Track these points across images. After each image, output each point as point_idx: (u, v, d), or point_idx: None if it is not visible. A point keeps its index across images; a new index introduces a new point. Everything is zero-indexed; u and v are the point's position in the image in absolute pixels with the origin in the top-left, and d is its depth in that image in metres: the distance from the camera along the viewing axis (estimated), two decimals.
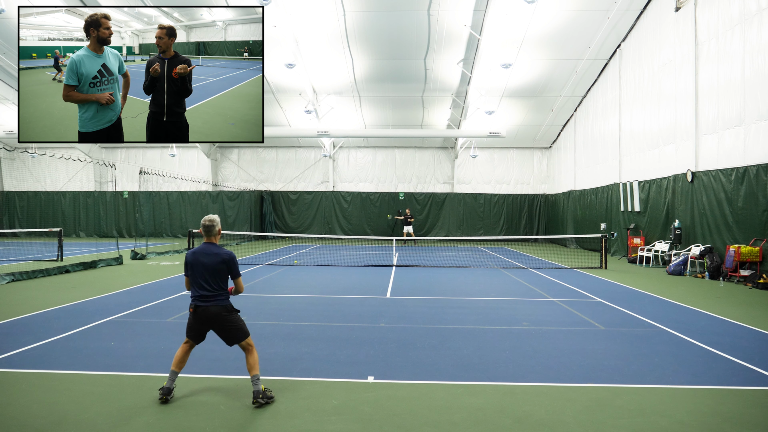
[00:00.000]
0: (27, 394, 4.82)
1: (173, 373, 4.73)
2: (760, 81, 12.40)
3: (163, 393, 4.64)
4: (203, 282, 4.66)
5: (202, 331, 4.76)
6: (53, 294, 10.29)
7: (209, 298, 4.66)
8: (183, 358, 4.77)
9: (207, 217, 4.82)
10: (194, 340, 4.80)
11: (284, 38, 19.46)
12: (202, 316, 4.67)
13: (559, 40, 19.88)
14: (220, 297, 4.70)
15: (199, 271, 4.66)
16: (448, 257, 19.66)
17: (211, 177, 30.75)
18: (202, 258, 4.67)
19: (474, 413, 4.44)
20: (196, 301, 4.69)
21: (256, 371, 4.63)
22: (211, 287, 4.67)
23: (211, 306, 4.65)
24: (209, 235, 4.80)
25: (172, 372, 4.72)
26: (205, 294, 4.66)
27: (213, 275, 4.66)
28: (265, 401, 4.56)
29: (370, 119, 27.56)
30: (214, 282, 4.67)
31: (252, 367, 4.64)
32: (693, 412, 4.48)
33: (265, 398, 4.57)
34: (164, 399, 4.63)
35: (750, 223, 12.67)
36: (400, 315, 8.55)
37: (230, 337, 4.71)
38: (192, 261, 4.69)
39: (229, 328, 4.69)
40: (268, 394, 4.63)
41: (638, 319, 8.33)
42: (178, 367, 4.75)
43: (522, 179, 30.61)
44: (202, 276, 4.66)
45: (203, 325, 4.71)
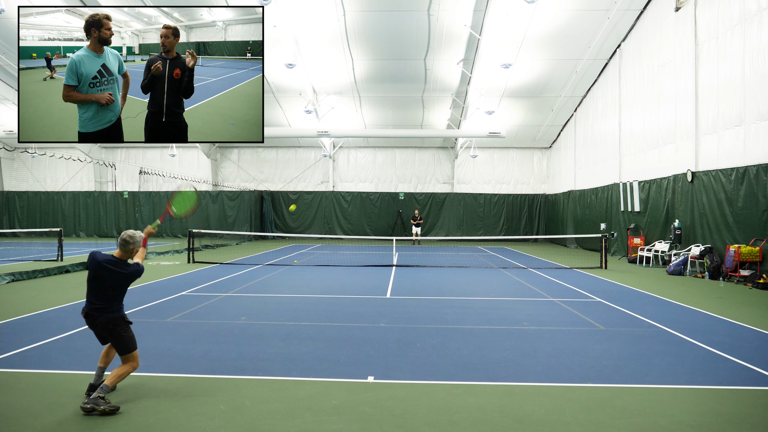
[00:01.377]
0: (27, 394, 4.82)
1: (100, 369, 4.77)
2: (760, 81, 12.40)
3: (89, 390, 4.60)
4: (98, 293, 4.64)
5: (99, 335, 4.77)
6: (53, 294, 10.29)
7: (100, 309, 4.64)
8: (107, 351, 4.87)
9: (128, 233, 4.76)
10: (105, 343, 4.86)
11: (284, 38, 19.47)
12: (93, 321, 4.68)
13: (559, 40, 19.89)
14: (111, 309, 4.68)
15: (98, 283, 4.63)
16: (448, 257, 19.66)
17: (211, 177, 30.76)
18: (104, 271, 4.63)
19: (474, 413, 4.44)
20: (87, 307, 4.69)
21: (111, 383, 4.52)
22: (103, 300, 4.65)
23: (98, 317, 4.64)
24: (123, 250, 4.75)
25: (99, 368, 4.77)
26: (96, 305, 4.64)
27: (110, 288, 4.65)
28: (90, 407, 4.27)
29: (370, 119, 27.57)
30: (108, 295, 4.66)
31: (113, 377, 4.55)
32: (693, 412, 4.48)
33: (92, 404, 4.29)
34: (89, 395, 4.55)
35: (750, 223, 12.67)
36: (400, 315, 8.55)
37: (118, 348, 4.68)
38: (95, 268, 4.63)
39: (116, 340, 4.67)
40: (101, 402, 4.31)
41: (638, 319, 8.33)
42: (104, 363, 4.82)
43: (522, 179, 30.62)
44: (99, 287, 4.63)
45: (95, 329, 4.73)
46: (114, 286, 4.67)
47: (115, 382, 4.60)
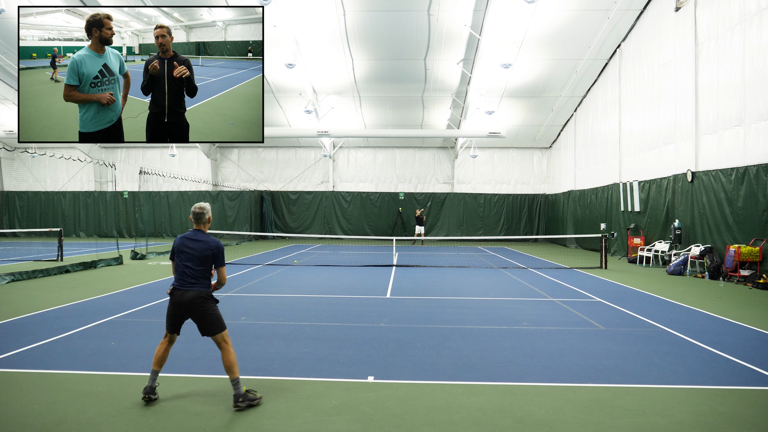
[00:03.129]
0: (27, 394, 4.82)
1: (154, 372, 4.68)
2: (760, 81, 12.40)
3: (146, 392, 4.59)
4: (185, 268, 4.62)
5: (177, 317, 4.68)
6: (53, 294, 10.29)
7: (188, 284, 4.61)
8: (163, 355, 4.72)
9: (197, 205, 4.80)
10: (171, 330, 4.74)
11: (284, 38, 19.46)
12: (178, 300, 4.61)
13: (559, 40, 19.89)
14: (199, 284, 4.64)
15: (184, 257, 4.64)
16: (448, 257, 19.66)
17: (211, 177, 30.75)
18: (189, 243, 4.65)
19: (474, 413, 4.44)
20: (174, 284, 4.67)
21: (235, 374, 4.50)
22: (192, 274, 4.62)
23: (188, 291, 4.60)
24: (198, 222, 4.76)
25: (153, 371, 4.68)
26: (185, 279, 4.62)
27: (197, 262, 4.62)
28: (247, 404, 4.43)
29: (370, 119, 27.57)
30: (196, 269, 4.63)
31: (229, 369, 4.52)
32: (693, 412, 4.48)
33: (246, 401, 4.44)
34: (147, 398, 4.57)
35: (750, 223, 12.67)
36: (400, 315, 8.55)
37: (205, 327, 4.62)
38: (178, 246, 4.68)
39: (204, 316, 4.60)
40: (250, 396, 4.49)
41: (638, 319, 8.33)
42: (158, 365, 4.71)
43: (522, 179, 30.61)
44: (186, 262, 4.62)
45: (178, 310, 4.63)
46: (201, 258, 4.61)
47: (236, 370, 4.54)
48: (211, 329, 4.62)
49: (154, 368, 4.69)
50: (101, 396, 4.77)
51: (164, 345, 4.76)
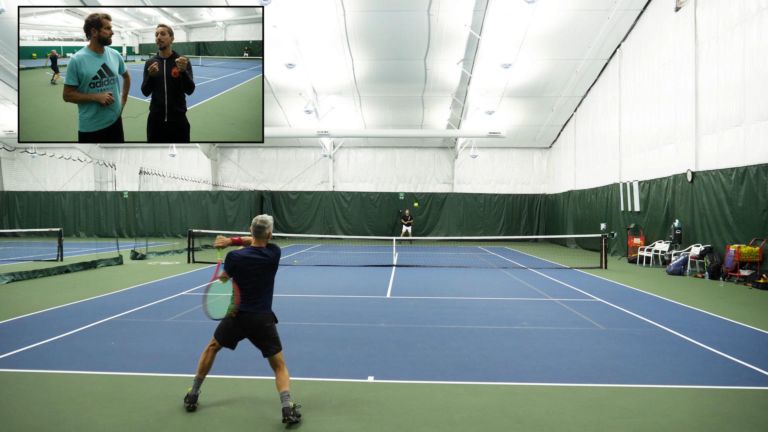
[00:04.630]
0: (27, 394, 4.82)
1: (198, 380, 4.51)
2: (760, 81, 12.40)
3: (189, 401, 4.44)
4: (253, 288, 4.39)
5: (237, 337, 4.50)
6: (53, 294, 10.29)
7: (257, 305, 4.41)
8: (209, 364, 4.54)
9: (259, 217, 4.50)
10: (224, 345, 4.54)
11: (284, 38, 19.46)
12: (245, 322, 4.39)
13: (559, 40, 19.88)
14: (267, 304, 4.48)
15: (249, 277, 4.38)
16: (448, 257, 19.66)
17: (211, 177, 30.74)
18: (255, 263, 4.39)
19: (474, 413, 4.44)
20: (240, 307, 4.38)
21: (287, 388, 4.32)
22: (260, 294, 4.43)
23: (257, 314, 4.41)
24: (259, 237, 4.49)
25: (197, 379, 4.51)
26: (254, 300, 4.40)
27: (264, 281, 4.44)
28: (296, 419, 4.21)
29: (370, 119, 27.56)
30: (264, 287, 4.46)
31: (282, 384, 4.34)
32: (693, 412, 4.48)
33: (296, 416, 4.22)
34: (191, 407, 4.43)
35: (750, 223, 12.67)
36: (400, 315, 8.55)
37: (266, 348, 4.45)
38: (242, 266, 4.37)
39: (268, 339, 4.44)
40: (298, 412, 4.29)
41: (638, 319, 8.33)
42: (203, 373, 4.53)
43: (522, 179, 30.61)
44: (254, 281, 4.39)
45: (241, 332, 4.45)
46: (265, 277, 4.44)
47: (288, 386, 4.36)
48: (272, 349, 4.45)
49: (199, 376, 4.53)
50: (101, 396, 4.77)
51: (211, 352, 4.56)
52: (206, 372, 4.56)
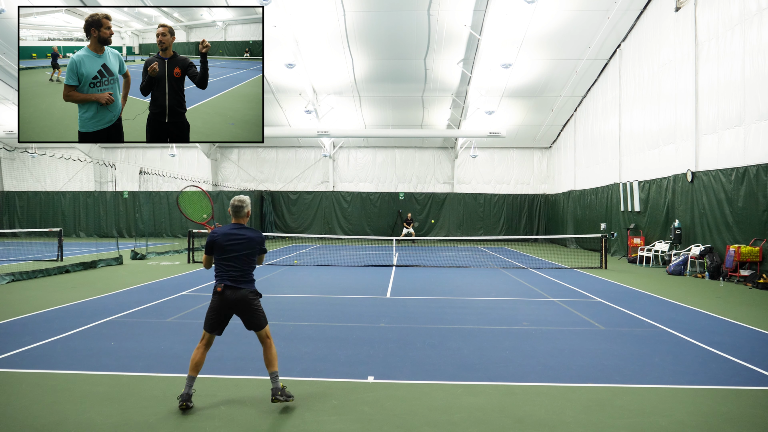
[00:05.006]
0: (27, 394, 4.82)
1: (190, 378, 4.51)
2: (760, 81, 12.40)
3: (183, 399, 4.43)
4: (235, 263, 4.58)
5: (224, 315, 4.61)
6: (53, 294, 10.29)
7: (240, 280, 4.59)
8: (200, 360, 4.56)
9: (237, 198, 4.76)
10: (213, 330, 4.61)
11: (284, 38, 19.46)
12: (230, 297, 4.55)
13: (559, 40, 19.89)
14: (249, 279, 4.66)
15: (229, 253, 4.57)
16: (448, 257, 19.66)
17: (211, 177, 30.75)
18: (234, 238, 4.59)
19: (474, 413, 4.44)
20: (225, 281, 4.56)
21: (275, 367, 4.56)
22: (242, 270, 4.61)
23: (240, 288, 4.57)
24: (238, 216, 4.72)
25: (189, 378, 4.51)
26: (234, 275, 4.58)
27: (244, 257, 4.60)
28: (285, 398, 4.49)
29: (370, 119, 27.56)
30: (246, 264, 4.63)
31: (271, 363, 4.56)
32: (693, 412, 4.48)
33: (284, 396, 4.49)
34: (184, 406, 4.41)
35: (750, 223, 12.67)
36: (400, 315, 8.55)
37: (253, 321, 4.63)
38: (223, 242, 4.57)
39: (254, 311, 4.62)
40: (287, 392, 4.54)
41: (638, 319, 8.33)
42: (195, 371, 4.54)
43: (522, 179, 30.61)
44: (233, 258, 4.58)
45: (228, 308, 4.58)
46: (247, 253, 4.61)
47: (276, 366, 4.59)
48: (259, 323, 4.64)
49: (191, 374, 4.53)
50: (101, 396, 4.77)
51: (201, 349, 4.60)
52: (198, 370, 4.57)
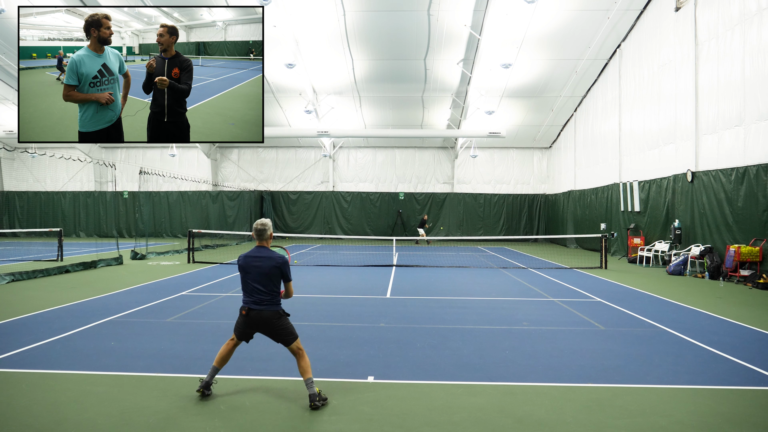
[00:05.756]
0: (27, 394, 4.82)
1: (214, 369, 4.82)
2: (760, 81, 12.40)
3: (202, 386, 4.74)
4: (257, 285, 4.70)
5: (250, 333, 4.84)
6: (53, 294, 10.29)
7: (263, 302, 4.70)
8: (227, 355, 4.88)
9: (259, 221, 4.90)
10: (240, 339, 4.89)
11: (284, 38, 19.46)
12: (255, 319, 4.71)
13: (559, 40, 19.88)
14: (273, 301, 4.74)
15: (253, 275, 4.71)
16: (448, 257, 19.66)
17: (211, 177, 30.75)
18: (255, 262, 4.72)
19: (474, 413, 4.44)
20: (249, 304, 4.73)
21: (309, 374, 4.65)
22: (264, 292, 4.71)
23: (264, 310, 4.70)
24: (261, 239, 4.85)
25: (213, 368, 4.82)
26: (259, 297, 4.70)
27: (267, 279, 4.70)
28: (322, 404, 4.57)
29: (370, 119, 27.57)
30: (267, 286, 4.71)
31: (305, 371, 4.66)
32: (693, 412, 4.48)
33: (321, 400, 4.59)
34: (201, 393, 4.73)
35: (750, 223, 12.67)
36: (400, 315, 8.55)
37: (281, 339, 4.77)
38: (245, 265, 4.75)
39: (279, 331, 4.74)
40: (323, 396, 4.64)
41: (638, 319, 8.33)
42: (220, 363, 4.84)
43: (522, 179, 30.61)
44: (257, 280, 4.70)
45: (253, 328, 4.78)
46: (270, 276, 4.70)
47: (310, 371, 4.69)
48: (286, 341, 4.76)
49: (215, 365, 4.83)
50: (101, 396, 4.77)
51: (230, 345, 4.89)
52: (223, 363, 4.85)
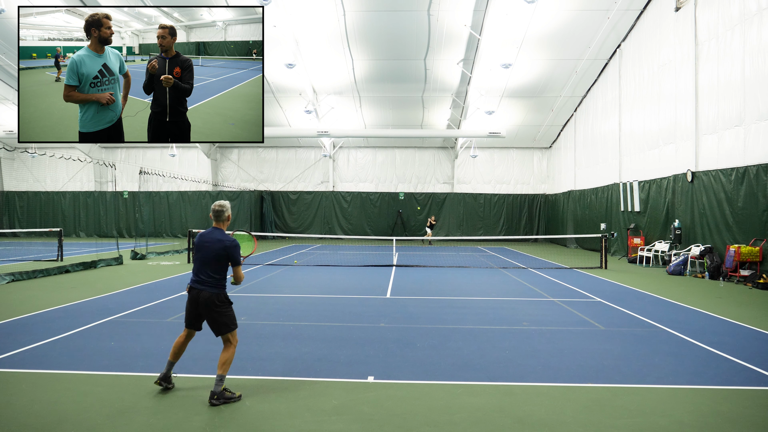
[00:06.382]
0: (27, 394, 4.82)
1: (170, 363, 4.83)
2: (760, 81, 12.40)
3: (159, 379, 4.77)
4: (205, 265, 4.73)
5: (195, 315, 4.80)
6: (53, 294, 10.29)
7: (205, 283, 4.72)
8: (180, 348, 4.86)
9: (218, 202, 4.88)
10: (191, 327, 4.86)
11: (284, 38, 19.46)
12: (195, 298, 4.74)
13: (559, 40, 19.89)
14: (216, 284, 4.74)
15: (202, 254, 4.74)
16: (448, 257, 19.66)
17: (211, 177, 30.75)
18: (207, 242, 4.75)
19: (474, 413, 4.44)
20: (192, 283, 4.78)
21: (224, 371, 4.60)
22: (208, 273, 4.71)
23: (205, 290, 4.71)
24: (218, 221, 4.84)
25: (168, 363, 4.83)
26: (202, 278, 4.73)
27: (215, 260, 4.71)
28: (222, 402, 4.53)
29: (370, 119, 27.57)
30: (212, 268, 4.72)
31: (223, 364, 4.62)
32: (693, 412, 4.48)
33: (222, 399, 4.55)
34: (159, 383, 4.75)
35: (750, 223, 12.67)
36: (400, 315, 8.55)
37: (217, 327, 4.75)
38: (199, 243, 4.79)
39: (217, 317, 4.73)
40: (227, 395, 4.59)
41: (638, 319, 8.33)
42: (174, 357, 4.84)
43: (522, 179, 30.62)
44: (204, 260, 4.73)
45: (195, 308, 4.77)
46: (218, 257, 4.70)
47: (226, 368, 4.64)
48: (222, 329, 4.76)
49: (171, 359, 4.84)
50: (101, 396, 4.77)
51: (182, 338, 4.90)
52: (178, 356, 4.86)
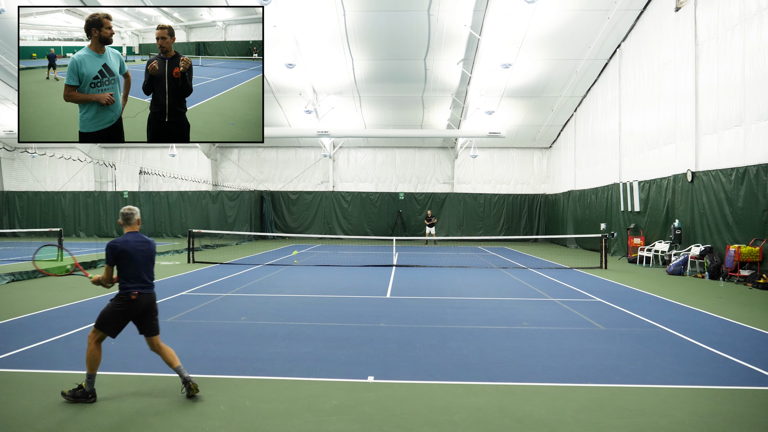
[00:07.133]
0: (27, 394, 4.82)
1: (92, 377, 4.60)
2: (760, 81, 12.40)
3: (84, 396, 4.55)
4: (143, 270, 4.78)
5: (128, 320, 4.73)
6: (53, 294, 10.30)
7: (149, 286, 4.82)
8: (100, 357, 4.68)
9: (127, 207, 4.96)
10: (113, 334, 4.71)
11: (284, 38, 19.46)
12: (143, 302, 4.73)
13: (559, 40, 19.89)
14: (153, 284, 4.89)
15: (138, 259, 4.75)
16: (448, 257, 19.66)
17: (211, 177, 30.75)
18: (140, 246, 4.79)
19: (474, 413, 4.44)
20: (137, 288, 4.72)
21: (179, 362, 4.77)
22: (149, 275, 4.85)
23: (151, 293, 4.81)
24: (130, 224, 4.89)
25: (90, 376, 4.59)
26: (147, 281, 4.80)
27: (150, 262, 4.87)
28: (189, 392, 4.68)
29: (370, 119, 27.57)
30: (150, 269, 4.87)
31: (174, 360, 4.75)
32: (693, 412, 4.48)
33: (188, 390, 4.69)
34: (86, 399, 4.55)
35: (750, 223, 12.67)
36: (400, 315, 8.55)
37: (151, 327, 4.81)
38: (131, 250, 4.72)
39: (152, 318, 4.82)
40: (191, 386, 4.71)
41: (638, 319, 8.33)
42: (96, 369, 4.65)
43: (522, 179, 30.62)
44: (142, 264, 4.77)
45: (134, 314, 4.72)
46: (151, 259, 4.87)
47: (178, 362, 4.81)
48: (157, 328, 4.86)
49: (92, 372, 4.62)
50: (101, 396, 4.76)
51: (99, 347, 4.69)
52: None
